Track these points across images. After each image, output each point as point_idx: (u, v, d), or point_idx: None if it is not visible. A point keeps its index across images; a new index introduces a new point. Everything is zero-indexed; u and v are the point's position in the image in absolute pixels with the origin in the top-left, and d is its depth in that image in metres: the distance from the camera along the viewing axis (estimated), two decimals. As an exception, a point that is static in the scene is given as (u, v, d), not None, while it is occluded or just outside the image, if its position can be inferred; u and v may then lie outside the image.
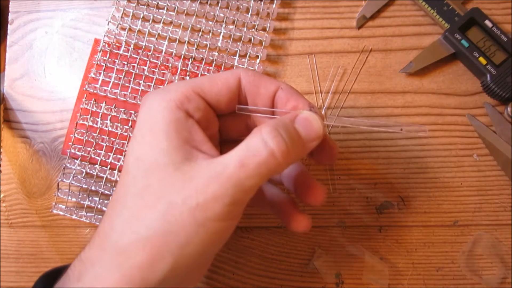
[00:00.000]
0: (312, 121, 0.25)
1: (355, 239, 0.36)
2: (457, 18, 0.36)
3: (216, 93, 0.26)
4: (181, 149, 0.23)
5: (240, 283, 0.36)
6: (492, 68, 0.35)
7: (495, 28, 0.35)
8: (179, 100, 0.25)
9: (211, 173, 0.22)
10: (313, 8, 0.38)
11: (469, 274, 0.36)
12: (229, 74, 0.26)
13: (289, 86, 0.27)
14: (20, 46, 0.39)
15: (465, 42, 0.35)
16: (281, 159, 0.22)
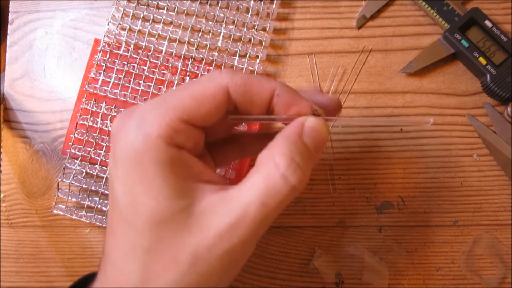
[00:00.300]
0: (319, 130, 0.23)
1: (355, 239, 0.36)
2: (457, 18, 0.36)
3: (204, 114, 0.23)
4: (185, 191, 0.21)
5: (240, 283, 0.36)
6: (492, 68, 0.35)
7: (495, 28, 0.35)
8: (166, 136, 0.21)
9: (232, 217, 0.21)
10: (313, 8, 0.38)
11: (469, 274, 0.36)
12: (214, 88, 0.23)
13: (286, 89, 0.24)
14: (20, 46, 0.39)
15: (465, 42, 0.35)
16: (300, 186, 0.22)
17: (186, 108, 0.22)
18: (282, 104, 0.24)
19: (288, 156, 0.21)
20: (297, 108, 0.24)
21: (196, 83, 0.23)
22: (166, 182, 0.21)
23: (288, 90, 0.24)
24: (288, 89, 0.24)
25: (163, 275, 0.21)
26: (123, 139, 0.22)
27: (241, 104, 0.24)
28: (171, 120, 0.22)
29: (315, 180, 0.37)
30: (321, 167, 0.37)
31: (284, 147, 0.22)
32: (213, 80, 0.23)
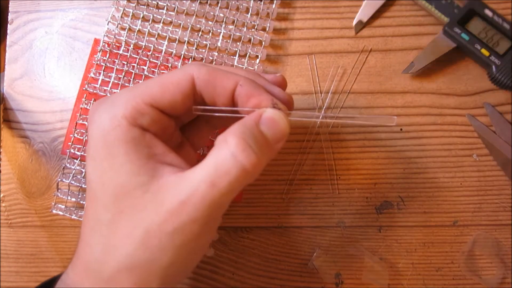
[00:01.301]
0: (277, 120, 0.24)
1: (354, 239, 0.36)
2: (456, 11, 0.35)
3: (169, 100, 0.24)
4: (145, 168, 0.23)
5: (239, 283, 0.36)
6: (496, 59, 0.34)
7: (496, 17, 0.34)
8: (131, 116, 0.23)
9: (182, 195, 0.22)
10: (313, 8, 0.38)
11: (468, 274, 0.36)
12: (180, 76, 0.25)
13: (249, 81, 0.25)
14: (20, 46, 0.39)
15: (465, 35, 0.34)
16: (253, 170, 0.22)
17: (152, 93, 0.24)
18: (243, 95, 0.25)
19: (240, 137, 0.22)
20: (258, 100, 0.24)
21: (166, 73, 0.25)
22: (127, 158, 0.23)
23: (251, 82, 0.25)
24: (251, 82, 0.25)
25: (120, 248, 0.22)
26: (95, 120, 0.24)
27: (206, 94, 0.25)
28: (137, 103, 0.24)
29: (315, 180, 0.37)
30: (321, 167, 0.37)
31: (238, 130, 0.22)
32: (181, 70, 0.25)
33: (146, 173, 0.23)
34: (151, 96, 0.24)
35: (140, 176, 0.22)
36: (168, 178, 0.22)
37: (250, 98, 0.24)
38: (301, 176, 0.37)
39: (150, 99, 0.24)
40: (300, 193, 0.37)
